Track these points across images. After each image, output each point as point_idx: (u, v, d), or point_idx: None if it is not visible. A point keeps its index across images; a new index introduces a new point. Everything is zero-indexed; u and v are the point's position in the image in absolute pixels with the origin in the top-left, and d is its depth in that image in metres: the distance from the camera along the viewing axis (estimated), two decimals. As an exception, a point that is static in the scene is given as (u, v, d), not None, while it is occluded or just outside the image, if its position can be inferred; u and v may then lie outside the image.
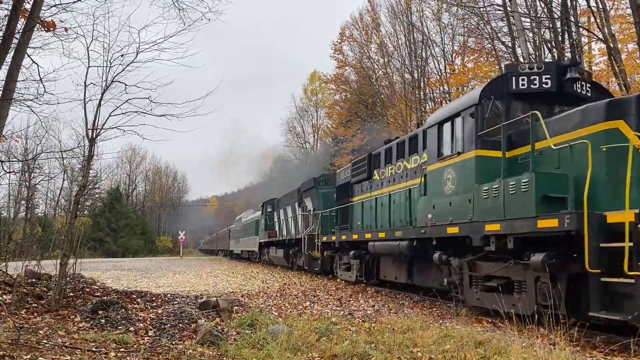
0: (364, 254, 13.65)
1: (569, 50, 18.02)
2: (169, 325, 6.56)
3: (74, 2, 8.76)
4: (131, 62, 8.02)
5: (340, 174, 16.85)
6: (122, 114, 7.90)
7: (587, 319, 6.05)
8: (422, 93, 30.52)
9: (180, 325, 6.56)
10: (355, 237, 13.88)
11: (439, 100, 29.43)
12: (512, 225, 7.00)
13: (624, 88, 15.20)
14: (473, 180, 8.16)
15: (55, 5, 8.89)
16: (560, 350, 5.09)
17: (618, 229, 5.65)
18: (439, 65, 29.42)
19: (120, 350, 5.19)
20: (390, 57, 33.64)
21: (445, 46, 28.65)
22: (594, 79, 9.24)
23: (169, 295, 9.59)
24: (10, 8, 8.22)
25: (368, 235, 12.74)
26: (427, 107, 30.40)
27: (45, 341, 5.32)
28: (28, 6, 8.19)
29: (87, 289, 8.77)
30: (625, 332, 6.04)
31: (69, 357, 4.78)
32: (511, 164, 7.56)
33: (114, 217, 57.55)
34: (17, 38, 8.26)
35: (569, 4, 18.34)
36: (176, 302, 8.46)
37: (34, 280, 8.79)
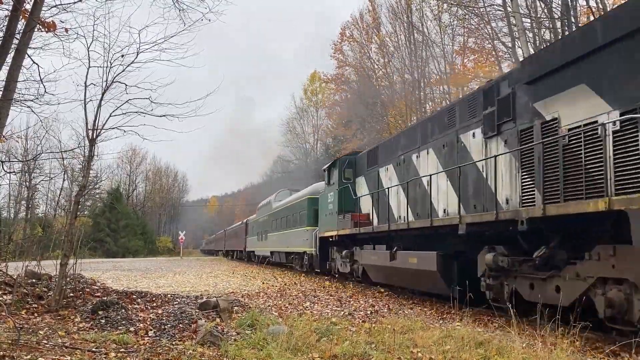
0: None
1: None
2: (169, 325, 6.56)
3: (75, 2, 8.76)
4: (131, 63, 8.05)
5: None
6: (123, 114, 7.93)
7: None
8: (422, 93, 30.53)
9: (180, 325, 6.56)
10: None
11: (439, 100, 29.44)
12: None
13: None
14: None
15: (55, 6, 8.89)
16: (560, 351, 5.09)
17: None
18: (439, 65, 29.45)
19: (120, 350, 5.19)
20: (391, 57, 33.67)
21: (446, 46, 28.70)
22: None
23: (169, 295, 9.59)
24: (10, 8, 8.23)
25: None
26: (427, 107, 30.41)
27: (45, 341, 5.32)
28: (28, 7, 8.19)
29: (87, 290, 8.77)
30: (627, 332, 6.03)
31: (69, 358, 4.78)
32: None
33: (114, 217, 57.57)
34: (17, 38, 8.26)
35: (569, 3, 18.34)
36: (176, 303, 8.46)
37: (34, 280, 8.80)
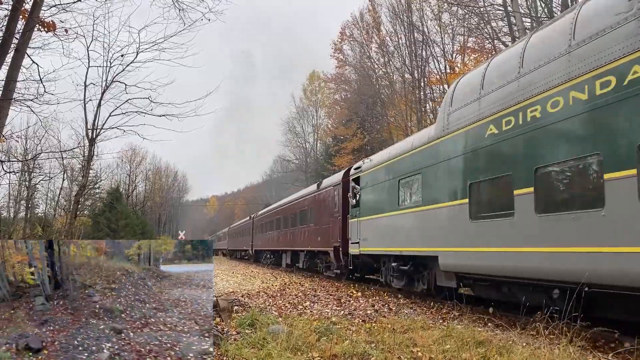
0: None
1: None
2: (169, 325, 6.55)
3: (74, 2, 8.76)
4: (131, 62, 8.08)
5: None
6: (122, 114, 7.96)
7: None
8: (422, 93, 30.52)
9: (180, 325, 6.55)
10: None
11: (439, 100, 29.44)
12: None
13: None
14: None
15: (55, 6, 8.91)
16: (562, 350, 5.09)
17: None
18: (439, 65, 29.44)
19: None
20: (391, 57, 33.67)
21: (446, 46, 28.69)
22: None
23: (169, 295, 9.57)
24: (10, 8, 8.22)
25: None
26: (427, 107, 30.41)
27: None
28: (28, 6, 8.19)
29: (87, 289, 8.76)
30: (629, 332, 6.03)
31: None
32: None
33: (114, 217, 57.53)
34: (17, 38, 8.26)
35: (569, 3, 18.33)
36: (176, 302, 8.45)
37: (34, 280, 8.79)
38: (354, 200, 13.88)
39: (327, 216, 16.83)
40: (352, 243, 14.01)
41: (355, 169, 14.34)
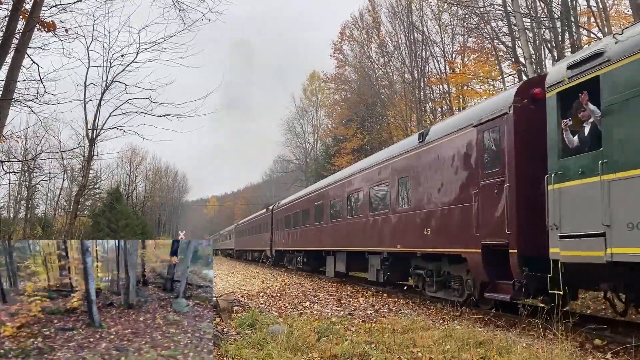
0: None
1: (569, 50, 18.01)
2: (169, 325, 6.54)
3: (74, 2, 8.77)
4: (131, 62, 8.09)
5: None
6: (122, 114, 7.98)
7: None
8: (422, 93, 30.54)
9: (180, 325, 6.55)
10: None
11: (439, 100, 29.47)
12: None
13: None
14: None
15: (55, 6, 8.92)
16: (561, 351, 5.09)
17: None
18: (439, 65, 29.43)
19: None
20: (391, 57, 33.69)
21: (446, 46, 28.68)
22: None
23: (169, 295, 9.57)
24: (10, 8, 8.23)
25: None
26: (427, 107, 30.43)
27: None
28: (28, 6, 8.20)
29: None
30: (627, 332, 6.03)
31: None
32: None
33: (114, 217, 57.49)
34: (17, 38, 8.27)
35: (569, 3, 18.33)
36: (176, 302, 8.45)
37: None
38: (576, 139, 6.53)
39: (454, 188, 8.95)
40: (564, 237, 6.15)
41: (572, 66, 6.39)
